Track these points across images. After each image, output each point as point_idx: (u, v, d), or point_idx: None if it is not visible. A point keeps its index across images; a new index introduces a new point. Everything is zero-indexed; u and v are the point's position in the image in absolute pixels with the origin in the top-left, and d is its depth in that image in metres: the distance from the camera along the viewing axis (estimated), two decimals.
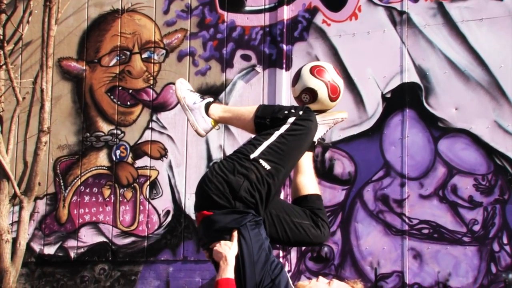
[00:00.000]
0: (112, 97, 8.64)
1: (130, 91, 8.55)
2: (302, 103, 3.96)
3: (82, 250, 8.55)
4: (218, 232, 3.63)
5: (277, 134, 3.71)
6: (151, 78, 8.45)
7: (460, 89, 7.06)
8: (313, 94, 3.94)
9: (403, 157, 7.20)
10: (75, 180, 8.70)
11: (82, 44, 8.87)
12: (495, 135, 6.90)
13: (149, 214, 8.28)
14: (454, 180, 7.01)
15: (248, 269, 3.56)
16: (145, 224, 8.28)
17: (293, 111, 3.76)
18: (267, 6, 7.95)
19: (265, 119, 3.79)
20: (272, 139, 3.70)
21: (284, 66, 7.74)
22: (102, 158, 8.62)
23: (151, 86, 8.44)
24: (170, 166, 8.25)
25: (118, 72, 8.63)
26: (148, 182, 8.33)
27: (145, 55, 8.53)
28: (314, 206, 3.95)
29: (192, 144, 8.15)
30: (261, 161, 3.65)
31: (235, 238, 3.60)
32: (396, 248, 7.14)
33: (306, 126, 3.75)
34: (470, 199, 6.94)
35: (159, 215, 8.22)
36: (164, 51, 8.42)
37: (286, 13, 7.82)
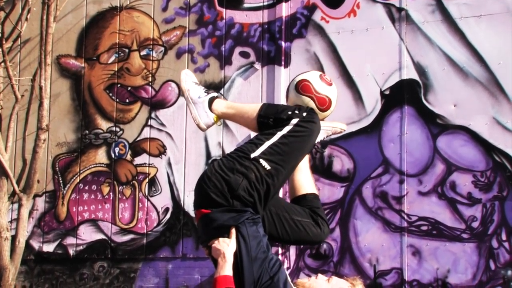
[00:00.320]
0: (110, 94, 8.63)
1: (129, 89, 8.54)
2: None
3: (81, 247, 8.54)
4: (217, 229, 3.62)
5: (279, 134, 3.69)
6: (150, 75, 8.44)
7: (458, 85, 7.05)
8: None
9: (402, 154, 7.20)
10: (74, 177, 8.70)
11: (81, 41, 8.86)
12: (494, 132, 6.89)
13: (148, 211, 8.28)
14: (453, 176, 7.01)
15: (246, 266, 3.55)
16: (144, 221, 8.28)
17: (297, 112, 3.73)
18: (266, 3, 7.94)
19: (268, 119, 3.76)
20: (274, 140, 3.68)
21: (282, 63, 7.74)
22: (101, 156, 8.61)
23: (150, 83, 8.44)
24: (169, 163, 8.25)
25: (116, 69, 8.62)
26: (147, 180, 8.33)
27: (143, 52, 8.52)
28: (312, 205, 3.95)
29: (191, 141, 8.14)
30: (261, 161, 3.64)
31: (233, 235, 3.60)
32: (395, 245, 7.14)
33: (309, 128, 3.73)
34: (469, 196, 6.94)
35: (158, 213, 8.22)
36: (162, 48, 8.41)
37: (285, 10, 7.81)
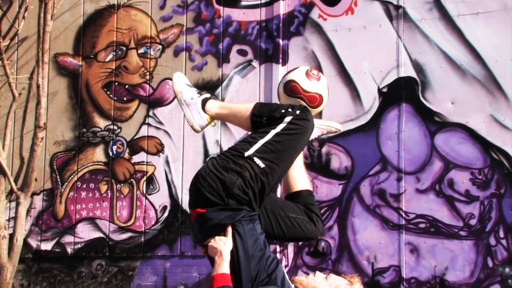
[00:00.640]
0: (108, 92, 8.62)
1: (127, 87, 8.53)
2: None
3: (79, 246, 8.54)
4: (213, 228, 3.63)
5: (273, 132, 3.69)
6: (148, 73, 8.44)
7: (456, 83, 7.05)
8: None
9: (400, 151, 7.19)
10: (72, 175, 8.69)
11: (78, 39, 8.85)
12: (492, 129, 6.89)
13: (146, 209, 8.28)
14: (451, 174, 7.01)
15: (243, 264, 3.56)
16: (142, 219, 8.27)
17: (290, 110, 3.73)
18: (263, 1, 7.93)
19: (261, 117, 3.76)
20: (267, 138, 3.68)
21: (280, 61, 7.73)
22: (98, 154, 8.60)
23: (148, 82, 8.43)
24: (167, 162, 8.24)
25: (114, 67, 8.62)
26: (145, 178, 8.32)
27: (141, 51, 8.51)
28: (307, 201, 3.95)
29: (188, 139, 8.14)
30: (255, 159, 3.63)
31: (230, 233, 3.60)
32: (393, 242, 7.14)
33: (303, 126, 3.72)
34: (467, 193, 6.94)
35: (156, 211, 8.22)
36: (160, 47, 8.41)
37: (282, 8, 7.80)
